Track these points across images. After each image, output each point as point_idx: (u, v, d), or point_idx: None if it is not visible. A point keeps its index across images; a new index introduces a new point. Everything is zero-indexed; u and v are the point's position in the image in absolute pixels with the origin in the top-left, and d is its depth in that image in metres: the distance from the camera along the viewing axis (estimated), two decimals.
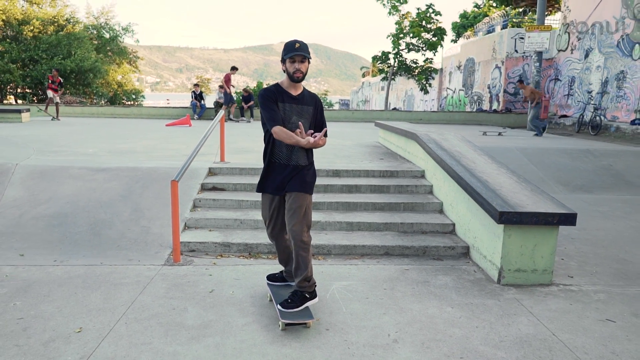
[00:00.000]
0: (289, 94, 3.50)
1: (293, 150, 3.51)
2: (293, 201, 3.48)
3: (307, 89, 3.68)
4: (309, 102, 3.57)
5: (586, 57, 16.82)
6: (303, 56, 3.38)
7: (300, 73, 3.40)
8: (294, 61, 3.38)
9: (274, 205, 3.65)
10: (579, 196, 8.00)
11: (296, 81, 3.44)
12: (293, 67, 3.39)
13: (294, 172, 3.54)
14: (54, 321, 3.48)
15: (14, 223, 5.47)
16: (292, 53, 3.34)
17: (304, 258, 3.48)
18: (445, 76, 28.45)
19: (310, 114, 3.56)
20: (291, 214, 3.48)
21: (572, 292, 4.19)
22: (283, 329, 3.45)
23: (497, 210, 4.16)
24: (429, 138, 7.01)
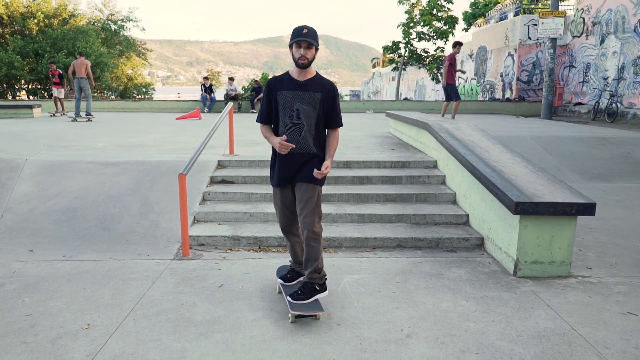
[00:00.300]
0: (294, 81, 3.41)
1: (298, 139, 3.43)
2: (304, 192, 3.44)
3: (322, 76, 3.54)
4: (317, 88, 3.41)
5: (602, 43, 16.44)
6: (309, 42, 3.27)
7: (305, 59, 3.30)
8: (300, 47, 3.29)
9: (284, 196, 3.60)
10: (596, 185, 7.81)
11: (301, 67, 3.35)
12: (298, 53, 3.29)
13: (301, 162, 3.46)
14: (61, 317, 3.44)
15: (24, 218, 5.46)
16: (298, 38, 3.26)
17: (315, 249, 3.44)
18: (456, 65, 28.07)
19: (317, 100, 3.40)
20: (302, 206, 3.45)
21: (591, 284, 4.06)
22: (293, 321, 3.40)
23: (512, 200, 4.03)
24: (441, 127, 6.87)
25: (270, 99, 3.46)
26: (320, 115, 3.46)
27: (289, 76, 3.45)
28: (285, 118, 3.41)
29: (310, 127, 3.43)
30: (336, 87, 3.52)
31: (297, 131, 3.41)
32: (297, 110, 3.38)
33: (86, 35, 26.62)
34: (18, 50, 24.90)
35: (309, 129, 3.42)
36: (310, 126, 3.42)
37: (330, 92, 3.47)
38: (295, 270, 3.88)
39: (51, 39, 25.78)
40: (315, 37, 3.31)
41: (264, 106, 3.50)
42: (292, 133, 3.41)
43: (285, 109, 3.40)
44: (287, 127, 3.42)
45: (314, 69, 3.50)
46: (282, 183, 3.54)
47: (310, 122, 3.42)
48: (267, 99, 3.48)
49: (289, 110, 3.39)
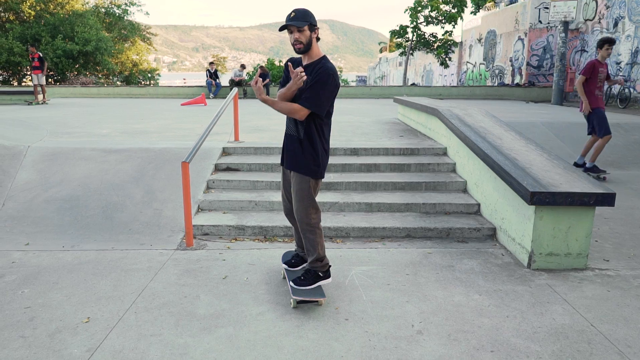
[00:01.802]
0: (301, 63, 3.33)
1: (288, 121, 3.37)
2: (294, 182, 3.36)
3: (326, 63, 3.22)
4: (310, 72, 3.17)
5: (615, 27, 16.06)
6: (297, 27, 3.08)
7: (300, 44, 3.13)
8: (291, 32, 3.13)
9: (284, 178, 3.58)
10: (610, 172, 7.61)
11: (298, 52, 3.21)
12: (292, 38, 3.15)
13: (290, 146, 3.36)
14: (61, 310, 3.34)
15: (25, 207, 5.36)
16: (285, 24, 3.12)
17: (312, 240, 3.39)
18: (465, 50, 27.66)
19: (306, 84, 3.17)
20: (294, 196, 3.38)
21: (609, 278, 3.90)
22: (294, 306, 3.37)
23: (528, 190, 3.87)
24: (451, 113, 6.68)
25: (287, 75, 3.30)
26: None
27: (299, 59, 3.38)
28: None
29: None
30: (329, 73, 3.15)
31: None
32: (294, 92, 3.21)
33: (84, 19, 26.38)
34: (17, 36, 24.75)
35: None
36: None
37: (315, 75, 3.14)
38: (300, 256, 3.81)
39: (49, 24, 25.59)
40: (305, 17, 3.10)
41: (283, 80, 3.35)
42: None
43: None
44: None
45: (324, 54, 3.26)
46: (282, 163, 3.52)
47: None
48: (285, 75, 3.34)
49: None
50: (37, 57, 14.39)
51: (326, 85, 3.14)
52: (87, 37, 25.41)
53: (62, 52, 25.06)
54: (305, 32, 3.12)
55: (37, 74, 14.44)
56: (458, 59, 28.42)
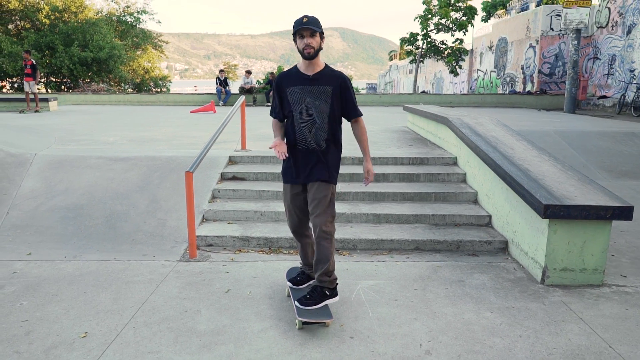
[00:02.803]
0: (302, 76, 3.25)
1: (309, 134, 3.25)
2: (316, 191, 3.27)
3: (332, 68, 3.34)
4: (328, 81, 3.22)
5: (628, 34, 15.83)
6: (311, 30, 3.08)
7: (311, 48, 3.11)
8: (303, 36, 3.11)
9: (294, 194, 3.41)
10: (625, 183, 7.42)
11: (307, 58, 3.16)
12: (302, 43, 3.12)
13: (314, 160, 3.28)
14: (59, 324, 3.25)
15: (29, 215, 5.30)
16: (299, 27, 3.09)
17: (326, 249, 3.26)
18: (475, 57, 27.49)
19: (329, 94, 3.22)
20: (315, 204, 3.27)
21: (628, 295, 3.74)
22: (300, 327, 3.21)
23: (541, 203, 3.73)
24: (461, 122, 6.55)
25: (281, 95, 3.32)
26: (333, 109, 3.27)
27: (297, 70, 3.29)
28: (297, 114, 3.25)
29: (323, 123, 3.25)
30: (347, 77, 3.33)
31: (308, 127, 3.25)
32: (308, 106, 3.22)
33: (96, 27, 26.61)
34: (32, 44, 25.02)
35: (321, 124, 3.25)
36: (322, 122, 3.25)
37: (342, 83, 3.27)
38: (306, 273, 3.67)
39: (63, 32, 25.85)
40: (317, 24, 3.12)
41: (275, 102, 3.38)
42: (304, 129, 3.26)
43: (295, 105, 3.25)
44: (299, 123, 3.26)
45: (325, 62, 3.31)
46: (293, 180, 3.36)
47: (323, 118, 3.24)
48: (278, 95, 3.34)
49: (299, 105, 3.23)
50: (30, 64, 13.82)
51: (352, 88, 3.35)
52: (101, 44, 25.63)
53: (77, 60, 25.29)
54: (316, 38, 3.13)
55: (29, 81, 13.92)
56: (469, 66, 28.26)
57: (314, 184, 3.29)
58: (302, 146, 3.29)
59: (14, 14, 26.69)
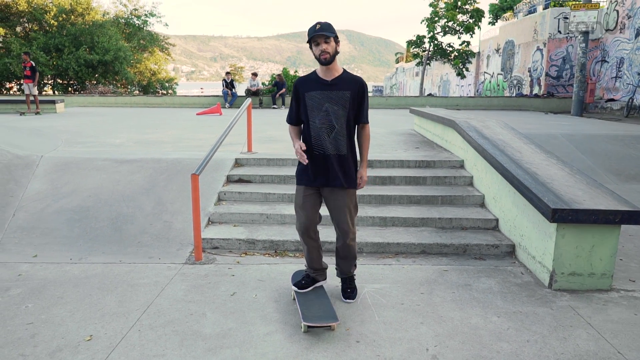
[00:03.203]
0: (320, 81, 3.32)
1: (328, 139, 3.31)
2: (337, 198, 3.40)
3: (350, 73, 3.41)
4: (346, 86, 3.29)
5: (637, 37, 15.73)
6: (325, 36, 3.16)
7: (327, 54, 3.19)
8: (318, 43, 3.19)
9: (307, 196, 3.44)
10: (634, 186, 7.35)
11: (324, 63, 3.24)
12: (318, 50, 3.20)
13: (333, 164, 3.34)
14: (64, 327, 3.25)
15: (36, 217, 5.32)
16: (312, 34, 3.17)
17: (354, 248, 3.59)
18: (482, 60, 27.41)
19: (347, 99, 3.29)
20: (337, 212, 3.43)
21: (636, 300, 3.70)
22: (305, 331, 3.20)
23: (549, 207, 3.69)
24: (468, 125, 6.52)
25: (298, 100, 3.39)
26: (350, 114, 3.35)
27: (316, 76, 3.35)
28: (315, 119, 3.31)
29: (342, 128, 3.32)
30: (365, 82, 3.40)
31: (327, 132, 3.32)
32: (327, 111, 3.29)
33: (103, 29, 26.75)
34: (41, 46, 25.20)
35: (340, 129, 3.32)
36: (341, 127, 3.32)
37: (360, 88, 3.35)
38: (310, 277, 3.68)
39: (70, 34, 26.01)
40: (331, 29, 3.19)
41: (293, 107, 3.44)
42: (322, 134, 3.32)
43: (314, 110, 3.31)
44: (317, 128, 3.32)
45: (343, 67, 3.39)
46: (309, 183, 3.41)
47: (341, 123, 3.31)
48: (295, 100, 3.42)
49: (318, 111, 3.30)
50: (30, 65, 13.67)
51: (367, 94, 3.41)
52: (107, 46, 25.75)
53: (83, 62, 25.44)
54: (331, 43, 3.20)
55: (29, 83, 13.76)
56: (475, 69, 28.17)
57: (334, 189, 3.38)
58: (318, 151, 3.34)
59: (22, 16, 26.89)
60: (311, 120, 3.32)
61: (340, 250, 3.59)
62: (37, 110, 14.37)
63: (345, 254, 3.58)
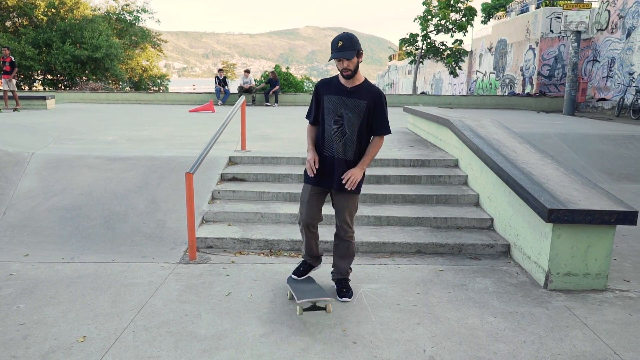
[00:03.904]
0: (341, 87, 3.39)
1: (338, 144, 3.41)
2: (343, 200, 3.51)
3: (371, 83, 3.47)
4: (364, 96, 3.37)
5: (628, 37, 15.84)
6: (347, 58, 3.21)
7: (348, 71, 3.27)
8: (340, 60, 3.25)
9: (313, 195, 3.57)
10: (625, 186, 7.40)
11: (346, 78, 3.34)
12: (340, 66, 3.28)
13: (339, 168, 3.43)
14: (57, 328, 3.20)
15: (27, 216, 5.25)
16: (334, 55, 3.24)
17: (353, 246, 3.72)
18: (475, 59, 27.48)
19: (362, 108, 3.36)
20: (342, 211, 3.54)
21: (631, 300, 3.71)
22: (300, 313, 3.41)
23: (545, 207, 3.69)
24: (463, 124, 6.52)
25: (318, 101, 3.49)
26: (364, 123, 3.41)
27: (337, 81, 3.43)
28: (330, 122, 3.41)
29: (352, 135, 3.39)
30: (384, 94, 3.46)
31: (338, 137, 3.40)
32: (341, 116, 3.37)
33: (94, 24, 26.46)
34: (30, 41, 24.91)
35: (350, 136, 3.39)
36: (352, 133, 3.38)
37: (377, 99, 3.40)
38: (308, 263, 3.84)
39: (60, 29, 25.73)
40: (352, 45, 3.22)
41: (313, 107, 3.54)
42: (334, 137, 3.40)
43: (329, 113, 3.40)
44: (330, 131, 3.41)
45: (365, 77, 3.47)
46: (315, 183, 3.52)
47: (353, 130, 3.38)
48: (315, 100, 3.51)
49: (333, 115, 3.38)
50: (9, 61, 13.22)
51: (386, 105, 3.45)
52: (97, 43, 25.47)
53: (70, 57, 25.16)
54: (353, 60, 3.24)
55: (6, 78, 13.35)
56: (468, 67, 28.25)
57: (341, 193, 3.48)
58: (328, 153, 3.44)
59: (12, 11, 26.56)
60: (326, 122, 3.42)
61: (339, 247, 3.68)
62: (15, 107, 13.84)
63: (344, 252, 3.68)
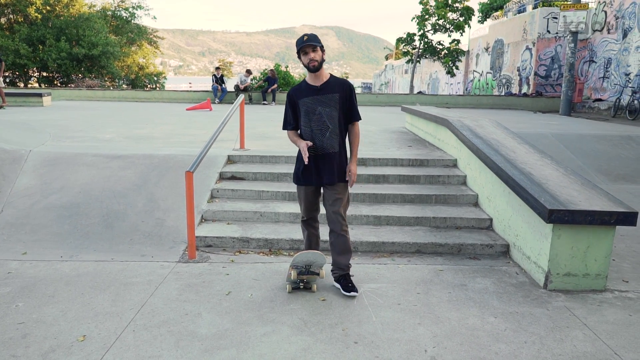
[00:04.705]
0: (311, 87, 3.60)
1: (323, 139, 3.59)
2: (333, 191, 3.68)
3: (337, 77, 3.71)
4: (335, 89, 3.60)
5: (624, 37, 15.90)
6: (312, 46, 3.47)
7: (315, 62, 3.50)
8: (306, 53, 3.49)
9: (308, 193, 3.78)
10: (622, 186, 7.43)
11: (313, 70, 3.53)
12: (307, 59, 3.50)
13: (328, 162, 3.62)
14: (56, 327, 3.18)
15: (24, 214, 5.22)
16: (301, 45, 3.48)
17: (348, 240, 3.81)
18: (472, 58, 27.52)
19: (336, 100, 3.59)
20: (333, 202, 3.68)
21: (630, 300, 3.73)
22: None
23: (546, 207, 3.70)
24: (462, 124, 6.53)
25: (294, 108, 3.68)
26: (341, 114, 3.64)
27: (306, 84, 3.64)
28: (310, 122, 3.60)
29: (335, 127, 3.61)
30: (352, 84, 3.70)
31: (322, 133, 3.59)
32: (320, 114, 3.57)
33: (90, 22, 26.34)
34: (24, 38, 24.77)
35: (333, 128, 3.60)
36: (334, 126, 3.60)
37: (347, 90, 3.65)
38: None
39: (55, 27, 25.60)
40: (317, 40, 3.51)
41: (289, 115, 3.72)
42: (317, 135, 3.60)
43: (308, 115, 3.60)
44: (312, 130, 3.60)
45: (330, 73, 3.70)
46: (308, 183, 3.71)
47: (334, 122, 3.60)
48: (291, 108, 3.70)
49: (312, 114, 3.58)
50: None
51: (355, 94, 3.70)
52: (94, 41, 25.36)
53: (66, 55, 25.04)
54: (318, 52, 3.52)
55: None
56: (465, 67, 28.28)
57: (328, 185, 3.67)
58: (311, 152, 3.60)
59: (6, 7, 26.40)
60: (306, 124, 3.62)
61: (336, 244, 3.77)
62: (1, 104, 13.44)
63: (341, 247, 3.76)
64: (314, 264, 3.67)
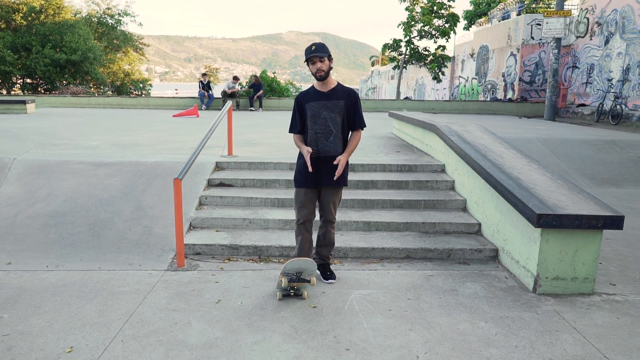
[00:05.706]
0: (318, 92, 3.81)
1: (326, 143, 3.78)
2: (330, 195, 3.93)
3: (344, 85, 3.91)
4: (341, 96, 3.80)
5: (606, 44, 16.16)
6: (319, 56, 3.64)
7: (322, 72, 3.68)
8: (314, 62, 3.68)
9: (308, 194, 3.91)
10: (607, 190, 7.53)
11: (320, 79, 3.73)
12: (314, 68, 3.69)
13: (329, 165, 3.77)
14: (42, 338, 3.12)
15: (8, 223, 5.13)
16: (309, 55, 3.66)
17: (334, 235, 4.12)
18: (457, 64, 27.77)
19: (341, 107, 3.78)
20: (327, 204, 3.96)
21: (618, 303, 3.76)
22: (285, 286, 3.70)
23: (534, 212, 3.73)
24: (449, 130, 6.57)
25: (301, 111, 3.85)
26: (345, 119, 3.83)
27: (314, 89, 3.85)
28: (315, 126, 3.78)
29: (338, 132, 3.80)
30: (357, 93, 3.93)
31: (325, 136, 3.79)
32: (325, 118, 3.77)
33: (74, 28, 26.13)
34: (8, 45, 24.48)
35: (337, 132, 3.80)
36: (337, 131, 3.80)
37: (352, 97, 3.84)
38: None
39: (39, 33, 25.36)
40: (325, 50, 3.69)
41: (296, 118, 3.88)
42: (321, 138, 3.79)
43: (313, 118, 3.78)
44: (316, 133, 3.79)
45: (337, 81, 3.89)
46: (308, 185, 3.86)
47: (337, 127, 3.80)
48: (298, 111, 3.87)
49: (317, 118, 3.77)
50: None
51: (360, 103, 3.89)
52: (75, 46, 25.13)
53: (50, 61, 24.79)
54: (325, 62, 3.69)
55: None
56: (450, 73, 28.53)
57: (328, 188, 3.90)
58: (314, 155, 3.77)
59: None
60: (311, 128, 3.78)
61: (322, 237, 4.06)
62: None
63: (327, 241, 4.07)
64: (305, 271, 3.66)
